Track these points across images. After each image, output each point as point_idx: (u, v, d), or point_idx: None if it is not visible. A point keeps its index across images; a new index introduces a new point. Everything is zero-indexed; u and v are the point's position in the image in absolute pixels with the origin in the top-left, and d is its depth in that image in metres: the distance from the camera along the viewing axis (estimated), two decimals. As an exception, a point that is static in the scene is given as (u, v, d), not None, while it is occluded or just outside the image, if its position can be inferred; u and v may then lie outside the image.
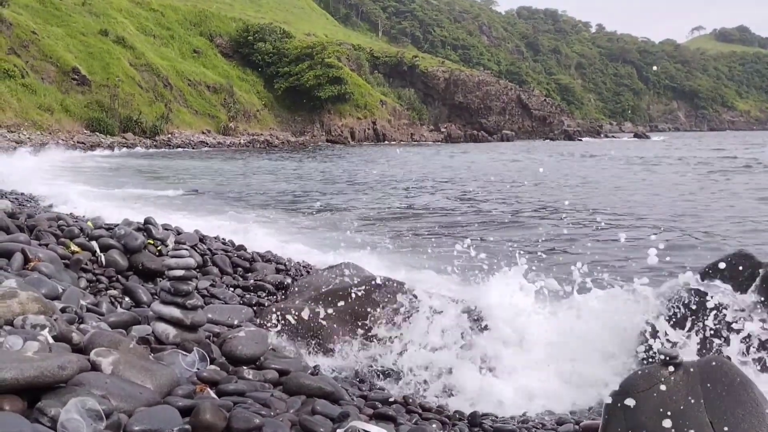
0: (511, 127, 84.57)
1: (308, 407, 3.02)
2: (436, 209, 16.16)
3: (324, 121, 71.16)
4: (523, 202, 16.95)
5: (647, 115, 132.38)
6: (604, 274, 7.54)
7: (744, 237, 11.48)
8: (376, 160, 38.21)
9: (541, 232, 11.99)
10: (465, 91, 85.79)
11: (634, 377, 3.84)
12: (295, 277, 7.33)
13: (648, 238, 11.78)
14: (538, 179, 23.50)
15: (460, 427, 3.97)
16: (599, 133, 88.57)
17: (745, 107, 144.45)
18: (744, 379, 3.67)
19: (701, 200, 16.24)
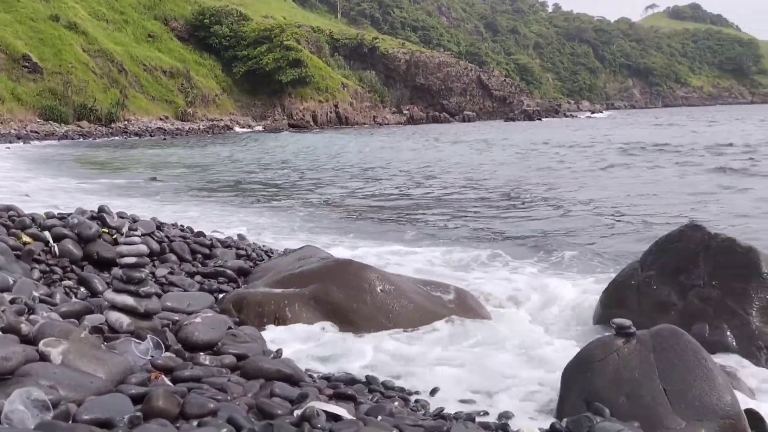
0: (472, 107, 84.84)
1: (267, 390, 3.01)
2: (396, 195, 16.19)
3: (285, 105, 70.34)
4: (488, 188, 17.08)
5: (604, 93, 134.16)
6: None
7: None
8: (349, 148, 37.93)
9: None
10: (426, 73, 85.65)
11: (589, 348, 3.93)
12: (256, 262, 7.26)
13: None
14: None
15: (422, 403, 4.00)
16: (557, 112, 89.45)
17: (698, 83, 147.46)
18: (694, 346, 3.77)
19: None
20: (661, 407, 3.52)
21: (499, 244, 9.53)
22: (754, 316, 4.87)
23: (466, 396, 4.25)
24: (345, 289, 5.71)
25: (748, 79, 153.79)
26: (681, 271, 5.41)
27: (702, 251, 5.37)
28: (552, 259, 8.53)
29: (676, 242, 5.59)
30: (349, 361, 4.97)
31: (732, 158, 20.18)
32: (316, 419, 2.54)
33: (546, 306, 6.45)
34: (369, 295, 5.69)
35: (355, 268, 5.95)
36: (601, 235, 10.10)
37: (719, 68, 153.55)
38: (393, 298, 5.71)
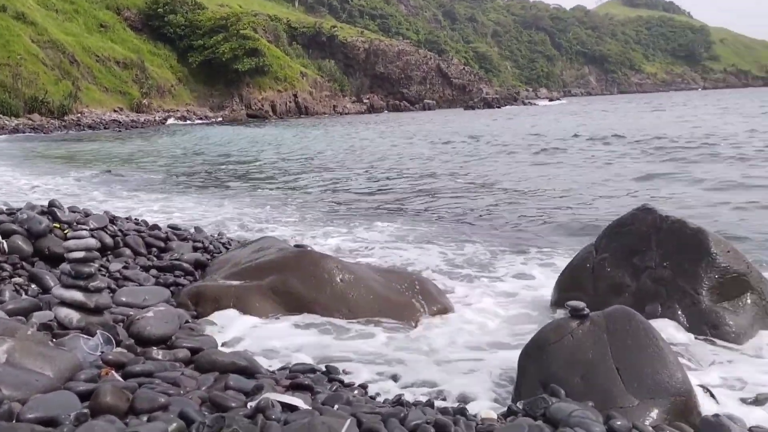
0: (432, 96, 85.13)
1: (221, 383, 2.97)
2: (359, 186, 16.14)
3: (243, 94, 69.47)
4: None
5: (561, 80, 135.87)
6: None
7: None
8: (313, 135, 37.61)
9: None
10: (385, 62, 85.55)
11: (544, 331, 3.98)
12: (213, 255, 7.17)
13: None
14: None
15: (382, 390, 4.01)
16: (516, 100, 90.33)
17: (652, 70, 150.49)
18: (646, 325, 3.85)
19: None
20: (615, 386, 3.58)
21: (459, 232, 9.60)
22: (704, 296, 4.99)
23: (426, 383, 4.27)
24: (304, 280, 5.67)
25: (699, 65, 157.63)
26: (634, 253, 5.51)
27: (654, 233, 5.47)
28: (512, 247, 8.62)
29: (628, 225, 5.68)
30: (309, 351, 4.95)
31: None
32: (270, 410, 2.51)
33: (505, 293, 6.51)
34: (329, 285, 5.66)
35: (313, 258, 5.91)
36: (561, 220, 10.24)
37: (672, 55, 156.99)
38: (353, 288, 5.69)
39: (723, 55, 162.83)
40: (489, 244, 8.71)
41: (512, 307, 6.16)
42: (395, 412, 2.85)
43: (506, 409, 3.52)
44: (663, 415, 3.44)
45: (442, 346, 5.25)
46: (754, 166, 15.18)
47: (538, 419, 3.24)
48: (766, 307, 5.05)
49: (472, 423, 3.06)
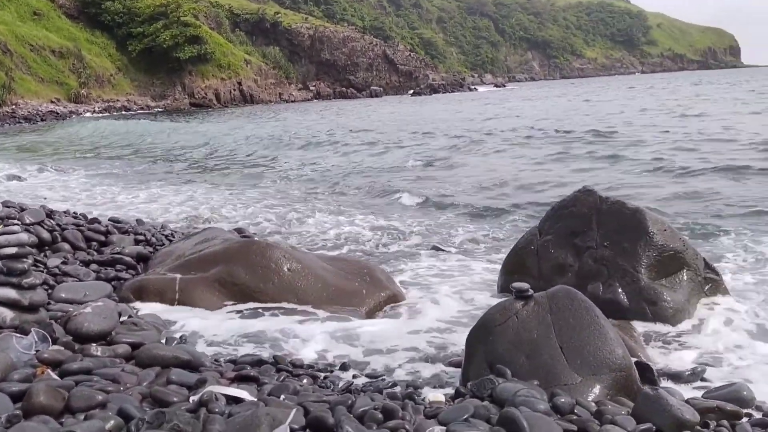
0: (379, 82, 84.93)
1: (163, 378, 2.91)
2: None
3: (186, 83, 67.83)
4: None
5: (505, 66, 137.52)
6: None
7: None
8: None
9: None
10: (331, 48, 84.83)
11: (490, 313, 4.03)
12: (156, 247, 7.01)
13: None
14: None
15: (331, 378, 4.00)
16: (462, 86, 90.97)
17: (593, 55, 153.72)
18: (587, 304, 3.94)
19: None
20: (559, 364, 3.66)
21: (405, 217, 9.64)
22: (643, 273, 5.13)
23: (376, 370, 4.28)
24: (250, 270, 5.60)
25: (638, 50, 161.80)
26: (576, 234, 5.63)
27: (594, 214, 5.60)
28: (462, 232, 8.70)
29: (570, 207, 5.80)
30: (257, 342, 4.89)
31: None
32: (214, 403, 2.47)
33: (453, 277, 6.57)
34: (276, 275, 5.61)
35: (259, 247, 5.83)
36: (503, 204, 10.38)
37: (611, 40, 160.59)
38: (301, 277, 5.65)
39: (660, 40, 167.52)
40: (439, 229, 8.79)
41: (460, 291, 6.22)
42: (343, 400, 2.84)
43: (454, 391, 3.56)
44: (605, 390, 3.54)
45: (392, 332, 5.26)
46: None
47: (485, 400, 3.29)
48: (701, 283, 5.24)
49: (420, 407, 3.08)
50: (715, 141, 16.64)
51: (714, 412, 3.28)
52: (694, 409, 3.14)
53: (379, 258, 7.35)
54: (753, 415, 3.34)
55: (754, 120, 21.41)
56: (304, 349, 4.80)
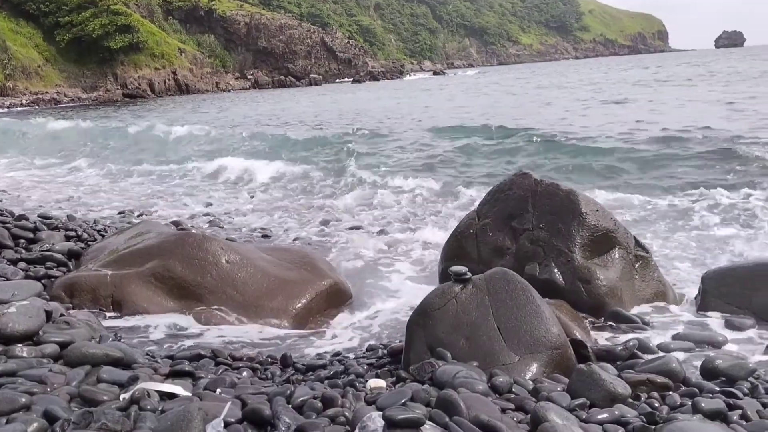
0: (318, 70, 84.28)
1: (93, 377, 2.81)
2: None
3: (118, 73, 65.68)
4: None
5: (444, 53, 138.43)
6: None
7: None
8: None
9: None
10: (268, 36, 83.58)
11: (429, 297, 4.05)
12: (88, 243, 6.78)
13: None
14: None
15: (271, 370, 3.95)
16: (402, 73, 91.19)
17: (528, 41, 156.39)
18: (524, 285, 4.01)
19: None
20: (497, 345, 3.72)
21: (348, 206, 9.62)
22: (577, 253, 5.25)
23: (318, 358, 4.26)
24: (187, 264, 5.48)
25: (571, 36, 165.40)
26: (513, 217, 5.71)
27: (530, 197, 5.69)
28: (401, 220, 8.72)
29: (507, 190, 5.88)
30: (197, 336, 4.81)
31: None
32: (146, 401, 2.40)
33: (393, 263, 6.60)
34: (214, 267, 5.50)
35: (196, 240, 5.71)
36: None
37: (546, 26, 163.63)
38: (240, 269, 5.56)
39: (592, 26, 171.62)
40: (380, 218, 8.80)
41: (402, 276, 6.26)
42: (281, 391, 2.81)
43: (395, 377, 3.57)
44: (542, 368, 3.62)
45: (335, 321, 5.26)
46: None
47: (425, 383, 3.31)
48: (632, 261, 5.40)
49: (361, 393, 3.08)
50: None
51: (645, 384, 3.39)
52: (626, 383, 3.24)
53: (321, 247, 7.32)
54: (681, 387, 3.47)
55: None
56: (244, 339, 4.75)
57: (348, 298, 5.75)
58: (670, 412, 3.01)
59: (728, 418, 2.90)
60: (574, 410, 2.94)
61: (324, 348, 4.63)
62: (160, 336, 4.74)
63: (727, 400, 3.08)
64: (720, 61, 56.76)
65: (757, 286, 4.76)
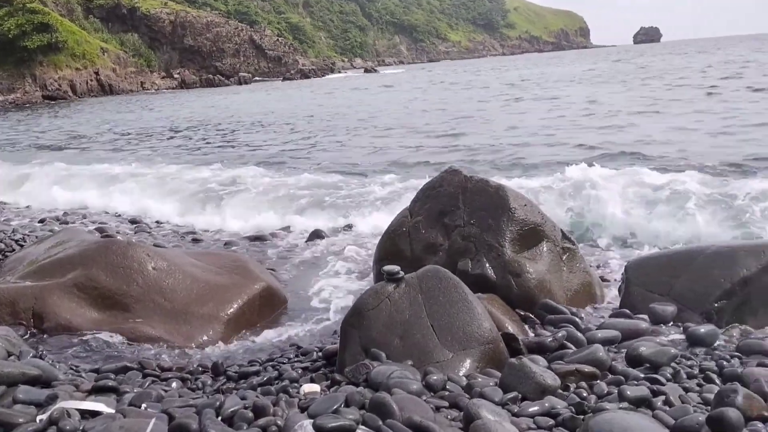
0: (248, 69, 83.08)
1: (9, 398, 2.65)
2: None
3: (37, 74, 62.82)
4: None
5: (374, 50, 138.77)
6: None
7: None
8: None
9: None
10: (194, 34, 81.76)
11: (363, 298, 4.03)
12: (5, 254, 6.45)
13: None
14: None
15: (202, 380, 3.85)
16: (332, 71, 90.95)
17: (457, 38, 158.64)
18: (455, 281, 4.04)
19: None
20: (431, 342, 3.73)
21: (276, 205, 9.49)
22: (507, 248, 5.34)
23: (251, 365, 4.17)
24: (111, 272, 5.28)
25: (498, 33, 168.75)
26: (444, 214, 5.76)
27: (461, 193, 5.75)
28: (331, 220, 8.67)
29: (438, 187, 5.92)
30: (124, 347, 4.64)
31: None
32: (65, 421, 2.28)
33: (327, 264, 6.55)
34: (140, 275, 5.32)
35: (120, 247, 5.51)
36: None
37: (473, 23, 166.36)
38: (168, 275, 5.40)
39: (517, 23, 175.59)
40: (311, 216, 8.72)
41: (337, 277, 6.22)
42: (211, 402, 2.73)
43: (329, 381, 3.54)
44: (475, 363, 3.65)
45: (266, 325, 5.18)
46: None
47: (360, 385, 3.29)
48: (559, 253, 5.53)
49: (294, 399, 3.03)
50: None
51: (574, 374, 3.47)
52: (556, 374, 3.31)
53: (253, 250, 7.20)
54: (609, 375, 3.57)
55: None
56: (174, 347, 4.62)
57: (283, 301, 5.67)
58: (598, 400, 3.09)
59: (653, 404, 2.99)
60: (506, 404, 2.98)
61: (257, 354, 4.54)
62: (85, 349, 4.55)
63: (651, 387, 3.19)
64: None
65: (677, 274, 4.96)
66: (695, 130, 13.25)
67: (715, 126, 13.59)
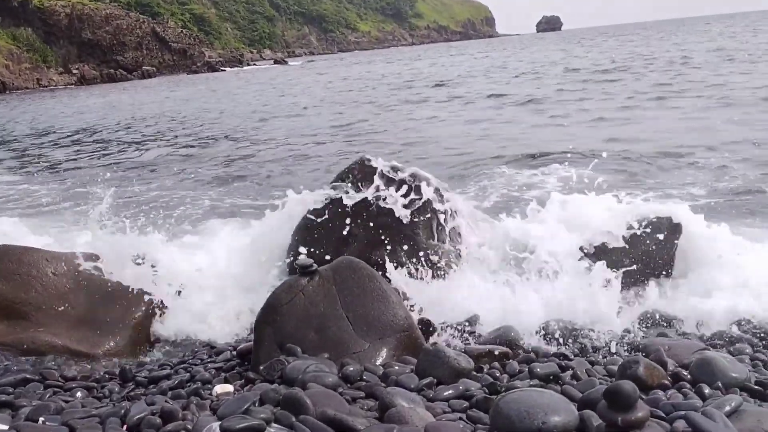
0: (151, 62, 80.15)
1: None
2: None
3: None
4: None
5: (283, 41, 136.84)
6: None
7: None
8: None
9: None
10: (93, 27, 78.03)
11: (276, 293, 3.95)
12: None
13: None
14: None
15: (110, 387, 3.68)
16: (241, 62, 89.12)
17: (366, 28, 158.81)
18: (370, 272, 4.02)
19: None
20: (347, 334, 3.71)
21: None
22: (421, 235, 5.39)
23: (161, 368, 4.02)
24: (7, 280, 4.96)
25: (407, 23, 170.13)
26: (358, 204, 5.73)
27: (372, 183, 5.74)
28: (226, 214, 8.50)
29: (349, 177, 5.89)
30: (26, 355, 4.37)
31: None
32: (-51, 445, 2.11)
33: (233, 260, 6.38)
34: (38, 281, 5.03)
35: (15, 253, 5.17)
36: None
37: (382, 13, 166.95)
38: (70, 280, 5.12)
39: (425, 13, 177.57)
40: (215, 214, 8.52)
41: (253, 271, 6.06)
42: (115, 411, 2.60)
43: (243, 380, 3.45)
44: (391, 352, 3.66)
45: (180, 324, 5.01)
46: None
47: (275, 382, 3.23)
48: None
49: (206, 402, 2.93)
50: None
51: (487, 356, 3.55)
52: (469, 356, 3.36)
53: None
54: (520, 353, 3.66)
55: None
56: (80, 356, 4.39)
57: (193, 296, 5.49)
58: (510, 379, 3.16)
59: (562, 379, 3.10)
60: (422, 390, 3.00)
61: (169, 356, 4.39)
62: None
63: (559, 363, 3.29)
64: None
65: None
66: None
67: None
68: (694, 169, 8.77)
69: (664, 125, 12.44)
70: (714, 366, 3.11)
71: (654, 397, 2.71)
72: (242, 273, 5.85)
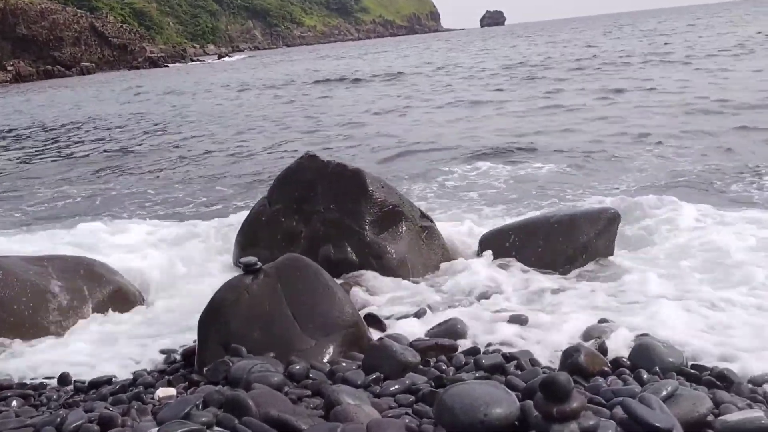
0: (90, 58, 77.76)
1: None
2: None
3: None
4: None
5: (227, 36, 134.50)
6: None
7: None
8: None
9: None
10: (28, 22, 75.16)
11: (220, 292, 3.88)
12: None
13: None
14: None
15: (47, 394, 3.55)
16: (184, 58, 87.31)
17: (312, 23, 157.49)
18: (314, 269, 3.99)
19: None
20: (293, 332, 3.67)
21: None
22: (368, 230, 5.38)
23: (101, 375, 3.89)
24: None
25: (352, 17, 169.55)
26: (303, 200, 5.70)
27: (318, 179, 5.70)
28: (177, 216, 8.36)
29: (295, 174, 5.84)
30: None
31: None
32: None
33: (188, 257, 6.26)
34: None
35: (-56, 259, 4.95)
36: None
37: (327, 8, 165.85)
38: (3, 286, 4.92)
39: (371, 7, 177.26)
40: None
41: (199, 269, 5.96)
42: (51, 419, 2.51)
43: (187, 381, 3.38)
44: (338, 348, 3.64)
45: (122, 328, 4.88)
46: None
47: (219, 384, 3.17)
48: (418, 231, 5.65)
49: (147, 406, 2.86)
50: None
51: (434, 349, 3.57)
52: (416, 350, 3.38)
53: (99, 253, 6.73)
54: (467, 345, 3.69)
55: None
56: (12, 363, 4.22)
57: (137, 301, 5.36)
58: (456, 372, 3.18)
59: (506, 369, 3.14)
60: (369, 386, 2.99)
61: (110, 361, 4.26)
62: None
63: (504, 353, 3.34)
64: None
65: (524, 244, 5.25)
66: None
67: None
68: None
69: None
70: (652, 352, 3.21)
71: (595, 384, 2.78)
72: (186, 273, 5.76)
